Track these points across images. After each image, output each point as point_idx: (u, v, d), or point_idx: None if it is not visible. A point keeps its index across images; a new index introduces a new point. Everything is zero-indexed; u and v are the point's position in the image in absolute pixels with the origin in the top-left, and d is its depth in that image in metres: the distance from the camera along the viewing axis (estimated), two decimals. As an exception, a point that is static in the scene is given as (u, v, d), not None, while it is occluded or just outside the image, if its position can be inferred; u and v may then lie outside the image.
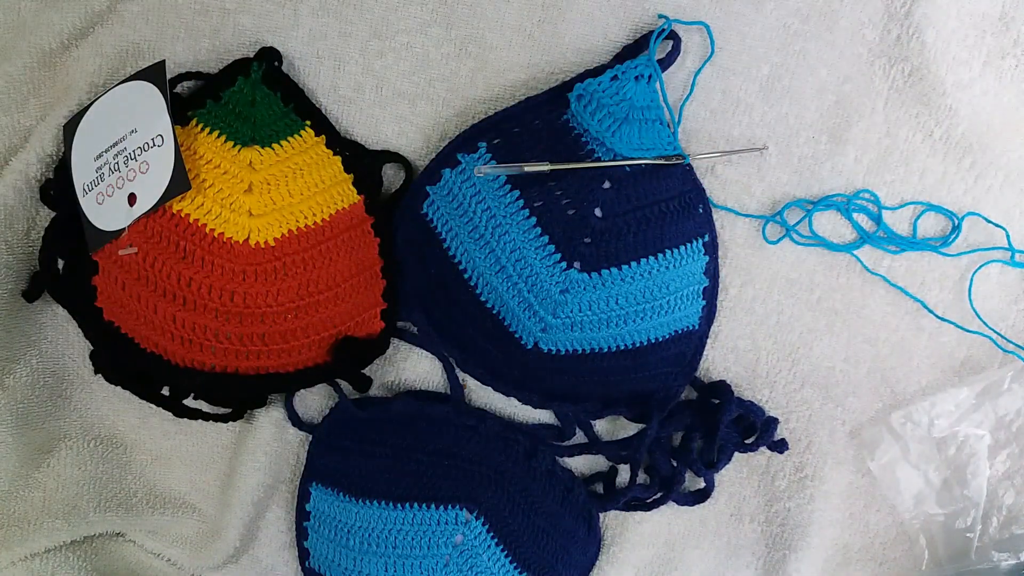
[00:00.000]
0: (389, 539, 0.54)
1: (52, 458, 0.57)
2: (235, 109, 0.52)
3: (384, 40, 0.53)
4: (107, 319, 0.52)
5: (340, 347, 0.54)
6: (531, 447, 0.56)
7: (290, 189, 0.52)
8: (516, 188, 0.51)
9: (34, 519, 0.56)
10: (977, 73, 0.52)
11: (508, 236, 0.51)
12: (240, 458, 0.58)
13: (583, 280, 0.51)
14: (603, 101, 0.50)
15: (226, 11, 0.53)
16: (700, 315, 0.55)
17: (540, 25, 0.52)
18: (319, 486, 0.57)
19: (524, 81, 0.53)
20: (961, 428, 0.57)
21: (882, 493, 0.58)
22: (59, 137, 0.53)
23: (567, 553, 0.57)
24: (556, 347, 0.52)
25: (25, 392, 0.55)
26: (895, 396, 0.57)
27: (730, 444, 0.56)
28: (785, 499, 0.58)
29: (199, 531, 0.60)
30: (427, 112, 0.54)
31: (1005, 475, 0.57)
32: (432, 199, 0.53)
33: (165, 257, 0.50)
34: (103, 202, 0.50)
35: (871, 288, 0.56)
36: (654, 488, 0.57)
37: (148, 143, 0.49)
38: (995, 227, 0.54)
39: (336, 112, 0.55)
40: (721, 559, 0.60)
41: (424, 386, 0.58)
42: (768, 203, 0.55)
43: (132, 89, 0.51)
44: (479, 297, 0.53)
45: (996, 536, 0.57)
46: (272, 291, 0.51)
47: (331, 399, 0.58)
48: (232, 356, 0.52)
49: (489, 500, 0.55)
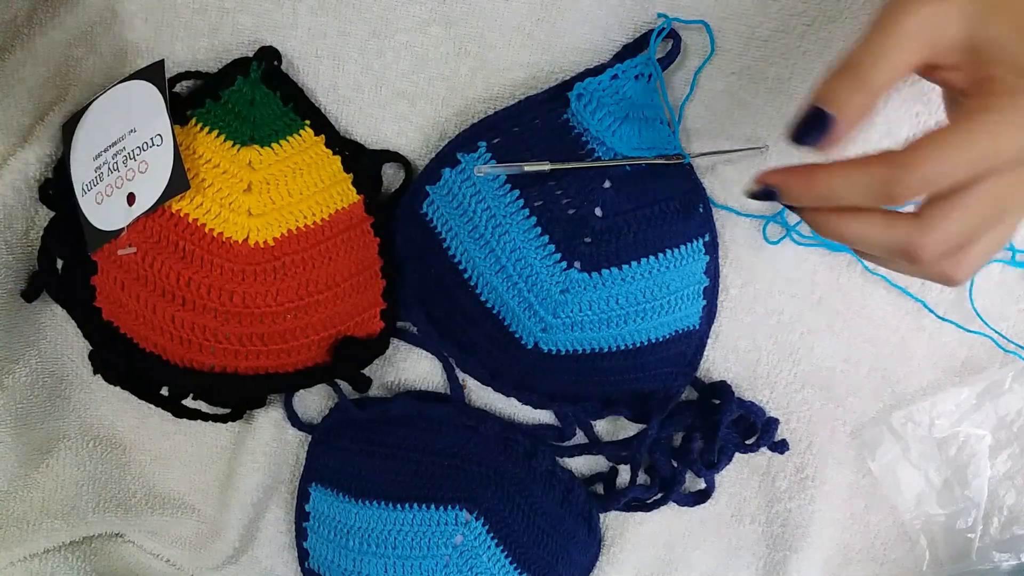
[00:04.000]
0: (389, 540, 0.54)
1: (51, 458, 0.57)
2: (234, 108, 0.51)
3: (383, 39, 0.53)
4: (106, 319, 0.52)
5: (340, 347, 0.53)
6: (531, 447, 0.56)
7: (289, 189, 0.51)
8: (516, 188, 0.51)
9: (33, 519, 0.55)
10: (978, 72, 0.52)
11: (508, 236, 0.51)
12: (239, 458, 0.58)
13: (583, 280, 0.51)
14: (603, 100, 0.50)
15: (225, 10, 0.53)
16: (700, 315, 0.55)
17: (540, 24, 0.52)
18: (318, 486, 0.57)
19: (524, 80, 0.53)
20: (962, 428, 0.57)
21: (883, 493, 0.58)
22: (58, 137, 0.52)
23: (567, 554, 0.57)
24: (556, 347, 0.52)
25: (24, 392, 0.55)
26: (896, 396, 0.57)
27: (731, 445, 0.56)
28: (786, 500, 0.58)
29: (198, 531, 0.60)
30: (427, 111, 0.54)
31: (1006, 475, 0.57)
32: (432, 199, 0.53)
33: (164, 257, 0.50)
34: (102, 202, 0.50)
35: (872, 288, 0.55)
36: (654, 489, 0.57)
37: (147, 143, 0.49)
38: (996, 227, 0.54)
39: (335, 111, 0.55)
40: (722, 560, 0.60)
41: (424, 386, 0.58)
42: (768, 203, 0.55)
43: (131, 89, 0.51)
44: (479, 297, 0.53)
45: (997, 536, 0.57)
46: (272, 291, 0.51)
47: (331, 399, 0.58)
48: (231, 356, 0.52)
49: (489, 500, 0.54)
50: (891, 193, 0.35)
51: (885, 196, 0.35)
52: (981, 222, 0.36)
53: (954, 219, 0.35)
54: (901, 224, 0.37)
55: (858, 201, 0.36)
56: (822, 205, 0.38)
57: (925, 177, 0.34)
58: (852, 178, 0.36)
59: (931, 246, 0.36)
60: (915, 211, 0.37)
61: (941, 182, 0.34)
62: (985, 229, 0.36)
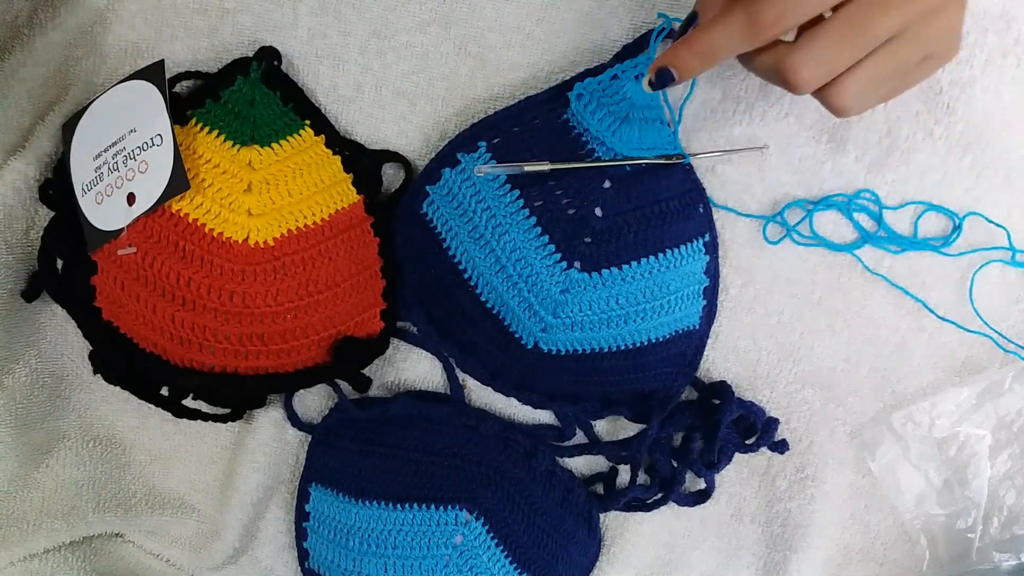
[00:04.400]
0: (389, 540, 0.54)
1: (51, 458, 0.57)
2: (234, 108, 0.51)
3: (383, 39, 0.53)
4: (106, 319, 0.52)
5: (340, 347, 0.53)
6: (531, 447, 0.56)
7: (289, 188, 0.51)
8: (516, 188, 0.51)
9: (33, 519, 0.55)
10: (978, 71, 0.52)
11: (508, 236, 0.51)
12: (239, 458, 0.58)
13: (583, 280, 0.51)
14: (603, 100, 0.50)
15: (225, 10, 0.53)
16: (700, 315, 0.55)
17: (540, 24, 0.52)
18: (318, 486, 0.57)
19: (524, 80, 0.53)
20: (962, 428, 0.57)
21: (883, 493, 0.58)
22: (58, 137, 0.52)
23: (567, 553, 0.57)
24: (556, 347, 0.52)
25: (24, 392, 0.55)
26: (896, 396, 0.57)
27: (731, 445, 0.56)
28: (786, 500, 0.58)
29: (198, 532, 0.60)
30: (427, 111, 0.54)
31: (1006, 475, 0.57)
32: (432, 199, 0.53)
33: (164, 257, 0.50)
34: (102, 202, 0.50)
35: (872, 288, 0.55)
36: (654, 489, 0.57)
37: (147, 143, 0.49)
38: (996, 227, 0.54)
39: (335, 111, 0.55)
40: (722, 560, 0.60)
41: (424, 386, 0.58)
42: (769, 203, 0.55)
43: (131, 88, 0.51)
44: (479, 297, 0.53)
45: (997, 536, 0.57)
46: (271, 291, 0.51)
47: (331, 399, 0.58)
48: (231, 356, 0.52)
49: (489, 501, 0.54)
50: (756, 27, 0.39)
51: (753, 33, 0.39)
52: (848, 45, 0.39)
53: (819, 41, 0.39)
54: (777, 48, 0.41)
55: (736, 45, 0.40)
56: (712, 62, 0.42)
57: (781, 7, 0.38)
58: (724, 28, 0.40)
59: (802, 69, 0.39)
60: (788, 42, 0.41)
61: (797, 11, 0.38)
62: (856, 53, 0.39)
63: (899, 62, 0.40)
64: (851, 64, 0.40)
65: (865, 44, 0.39)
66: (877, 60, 0.40)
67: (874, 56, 0.40)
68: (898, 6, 0.38)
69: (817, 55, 0.39)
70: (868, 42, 0.39)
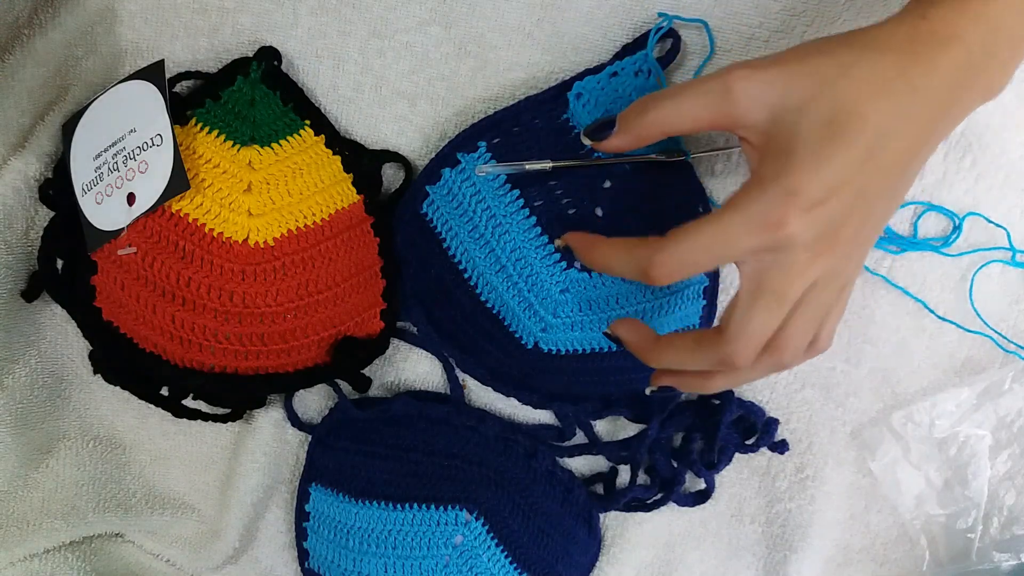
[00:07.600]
0: (389, 540, 0.54)
1: (51, 458, 0.57)
2: (234, 108, 0.51)
3: (383, 39, 0.53)
4: (106, 319, 0.52)
5: (340, 347, 0.53)
6: (531, 448, 0.56)
7: (289, 189, 0.51)
8: (516, 187, 0.51)
9: (33, 519, 0.55)
10: (978, 72, 0.52)
11: (508, 236, 0.51)
12: (239, 459, 0.58)
13: (583, 280, 0.51)
14: (602, 99, 0.50)
15: (225, 10, 0.53)
16: (700, 315, 0.55)
17: (540, 24, 0.52)
18: (318, 487, 0.57)
19: (524, 80, 0.53)
20: (962, 428, 0.57)
21: (883, 494, 0.58)
22: (58, 137, 0.52)
23: (567, 554, 0.57)
24: (556, 347, 0.52)
25: (24, 392, 0.55)
26: (896, 396, 0.57)
27: (731, 445, 0.56)
28: (786, 500, 0.58)
29: (198, 532, 0.60)
30: (427, 111, 0.54)
31: (1006, 475, 0.57)
32: (432, 199, 0.53)
33: (164, 257, 0.50)
34: (102, 202, 0.50)
35: (872, 288, 0.55)
36: (654, 489, 0.57)
37: (147, 142, 0.49)
38: (996, 227, 0.54)
39: (335, 111, 0.55)
40: (722, 560, 0.60)
41: (424, 386, 0.58)
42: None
43: (131, 88, 0.51)
44: (479, 297, 0.53)
45: (997, 537, 0.57)
46: (271, 291, 0.51)
47: (331, 399, 0.58)
48: (231, 356, 0.52)
49: (489, 501, 0.54)
50: (646, 272, 0.38)
51: (641, 274, 0.38)
52: (765, 312, 0.37)
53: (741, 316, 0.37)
54: (708, 341, 0.39)
55: (621, 273, 0.40)
56: (602, 272, 0.43)
57: (676, 260, 0.37)
58: (619, 253, 0.40)
59: (743, 350, 0.38)
60: (716, 327, 0.39)
61: (688, 266, 0.37)
62: (779, 314, 0.37)
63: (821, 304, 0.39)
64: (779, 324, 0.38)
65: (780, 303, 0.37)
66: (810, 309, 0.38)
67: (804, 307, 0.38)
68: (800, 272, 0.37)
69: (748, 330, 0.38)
70: (784, 301, 0.37)
